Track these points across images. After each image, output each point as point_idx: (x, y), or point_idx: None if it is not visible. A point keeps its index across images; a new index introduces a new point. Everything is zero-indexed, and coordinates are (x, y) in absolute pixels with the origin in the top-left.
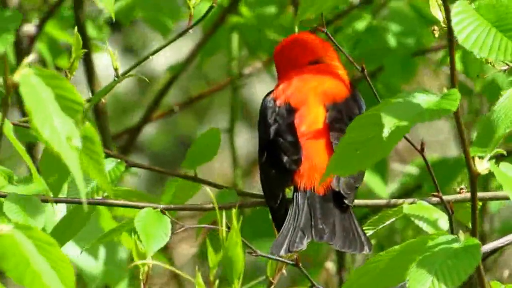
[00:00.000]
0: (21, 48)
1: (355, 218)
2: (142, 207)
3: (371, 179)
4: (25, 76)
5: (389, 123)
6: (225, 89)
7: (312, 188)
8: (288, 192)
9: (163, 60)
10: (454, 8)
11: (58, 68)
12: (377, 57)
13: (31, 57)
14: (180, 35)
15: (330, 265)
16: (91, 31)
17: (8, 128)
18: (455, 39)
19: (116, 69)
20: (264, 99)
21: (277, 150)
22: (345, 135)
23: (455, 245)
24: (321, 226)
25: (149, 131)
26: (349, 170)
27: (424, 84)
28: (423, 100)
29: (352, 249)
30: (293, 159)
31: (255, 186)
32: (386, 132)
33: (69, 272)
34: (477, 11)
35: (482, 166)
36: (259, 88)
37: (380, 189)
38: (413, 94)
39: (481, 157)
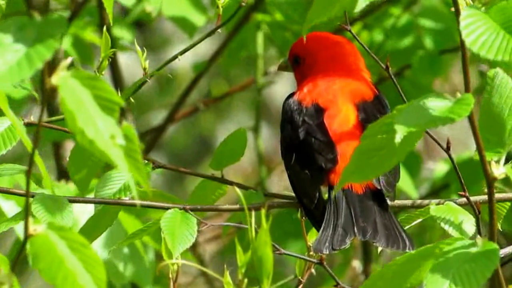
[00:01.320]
0: None
1: (394, 216)
2: (168, 208)
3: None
4: (64, 78)
5: (401, 130)
6: (247, 88)
7: (350, 186)
8: (324, 192)
9: (181, 58)
10: (463, 12)
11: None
12: (406, 54)
13: (69, 60)
14: (209, 34)
15: (356, 264)
16: (115, 30)
17: (23, 132)
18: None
19: (145, 69)
20: (286, 101)
21: (309, 150)
22: (360, 144)
23: (473, 249)
24: (362, 224)
25: (169, 130)
26: (364, 177)
27: (454, 81)
28: (435, 105)
29: (395, 246)
30: (328, 158)
31: (277, 185)
32: (398, 138)
33: (101, 272)
34: (487, 14)
35: (498, 170)
36: (278, 87)
37: (410, 189)
38: (425, 99)
39: (497, 162)
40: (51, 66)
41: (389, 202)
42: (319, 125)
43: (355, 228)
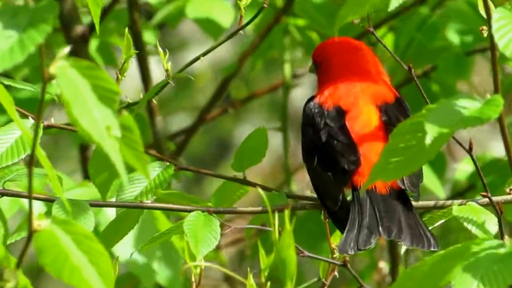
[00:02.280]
0: (75, 49)
1: (418, 216)
2: (191, 211)
3: (428, 179)
4: (62, 68)
5: (431, 131)
6: (274, 90)
7: (373, 187)
8: (347, 194)
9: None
10: (495, 14)
11: None
12: (432, 55)
13: (67, 49)
14: (231, 36)
15: (383, 265)
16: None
17: (30, 132)
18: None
19: (167, 70)
20: (307, 105)
21: (332, 153)
22: (389, 142)
23: (501, 250)
24: (387, 224)
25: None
26: (393, 175)
27: (482, 82)
28: (465, 106)
29: (420, 245)
30: (351, 160)
31: (297, 186)
32: (428, 139)
33: (107, 266)
34: None
35: None
36: (297, 90)
37: (438, 189)
38: (455, 100)
39: None
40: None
41: (413, 203)
42: (341, 127)
43: (380, 228)
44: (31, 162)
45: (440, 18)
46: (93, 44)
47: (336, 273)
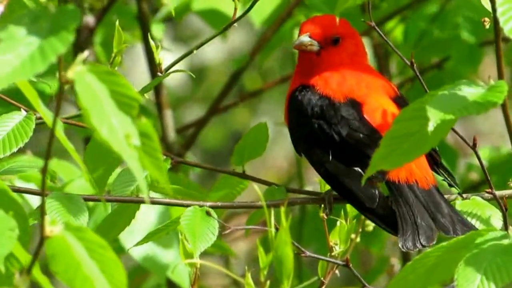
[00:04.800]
0: (80, 40)
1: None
2: (188, 206)
3: None
4: (80, 73)
5: (434, 117)
6: (283, 82)
7: (415, 182)
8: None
9: (213, 52)
10: None
11: None
12: (444, 47)
13: (86, 53)
14: (225, 28)
15: (395, 261)
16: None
17: (60, 129)
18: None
19: (159, 64)
20: (302, 95)
21: (358, 147)
22: (391, 128)
23: (505, 241)
24: (441, 220)
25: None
26: (395, 163)
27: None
28: (469, 92)
29: None
30: None
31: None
32: (431, 126)
33: (120, 275)
34: None
35: None
36: None
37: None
38: (459, 86)
39: None
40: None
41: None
42: (361, 120)
43: (437, 223)
44: (48, 157)
45: (452, 9)
46: (98, 37)
47: (337, 272)
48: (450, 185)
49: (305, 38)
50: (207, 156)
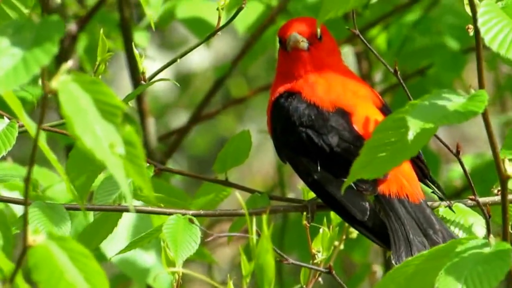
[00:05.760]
0: (62, 47)
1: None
2: (171, 214)
3: None
4: (64, 83)
5: (414, 126)
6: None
7: (405, 196)
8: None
9: (199, 58)
10: (481, 8)
11: None
12: (427, 53)
13: (69, 63)
14: (209, 37)
15: (377, 268)
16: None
17: (42, 140)
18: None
19: (142, 73)
20: (288, 102)
21: (348, 158)
22: (371, 138)
23: (486, 250)
24: (433, 236)
25: (190, 132)
26: (375, 172)
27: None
28: (449, 102)
29: None
30: None
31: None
32: (411, 135)
33: (103, 284)
34: (503, 10)
35: None
36: None
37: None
38: (439, 95)
39: (511, 160)
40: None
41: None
42: (351, 130)
43: (429, 240)
44: (31, 168)
45: (435, 16)
46: (81, 44)
47: (320, 279)
48: (441, 198)
49: (297, 35)
50: (194, 163)
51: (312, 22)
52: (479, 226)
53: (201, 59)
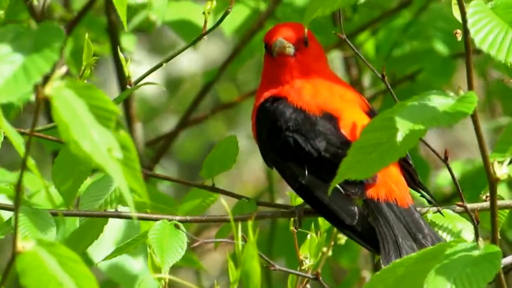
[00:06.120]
0: None
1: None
2: (157, 219)
3: None
4: (58, 89)
5: (403, 127)
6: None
7: (394, 200)
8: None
9: (189, 63)
10: (470, 8)
11: None
12: (417, 58)
13: (63, 69)
14: (195, 40)
15: (367, 274)
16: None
17: (21, 144)
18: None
19: (128, 77)
20: (276, 106)
21: (336, 162)
22: (359, 138)
23: (475, 252)
24: (422, 241)
25: (179, 137)
26: (363, 173)
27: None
28: (438, 103)
29: None
30: None
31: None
32: (399, 137)
33: None
34: (493, 11)
35: (501, 171)
36: None
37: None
38: (428, 97)
39: (500, 162)
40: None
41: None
42: (339, 135)
43: (418, 244)
44: (22, 175)
45: (425, 21)
46: (68, 48)
47: (308, 286)
48: (430, 202)
49: (283, 41)
50: (183, 169)
51: (298, 27)
52: (467, 232)
53: (190, 63)
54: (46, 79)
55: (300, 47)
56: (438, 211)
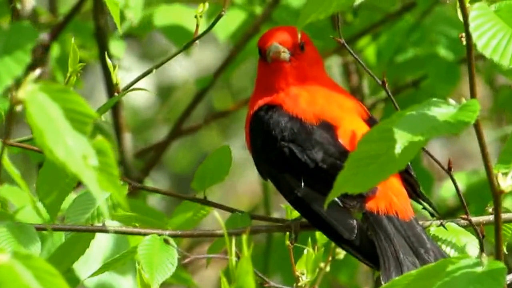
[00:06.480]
0: (34, 58)
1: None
2: (146, 234)
3: None
4: (32, 93)
5: (401, 138)
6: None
7: (395, 213)
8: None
9: (182, 69)
10: (473, 11)
11: None
12: (420, 64)
13: (37, 71)
14: (187, 46)
15: None
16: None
17: (6, 158)
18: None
19: (116, 85)
20: (271, 114)
21: (333, 173)
22: (356, 150)
23: (478, 269)
24: (425, 256)
25: (171, 147)
26: (360, 186)
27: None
28: (439, 112)
29: None
30: None
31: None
32: (398, 148)
33: None
34: (497, 14)
35: (506, 183)
36: None
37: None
38: (428, 106)
39: (505, 174)
40: None
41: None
42: (336, 145)
43: (420, 260)
44: None
45: (429, 24)
46: (54, 54)
47: None
48: (432, 215)
49: (278, 46)
50: (175, 181)
51: (294, 31)
52: (472, 247)
53: (183, 70)
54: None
55: (295, 52)
56: (441, 224)
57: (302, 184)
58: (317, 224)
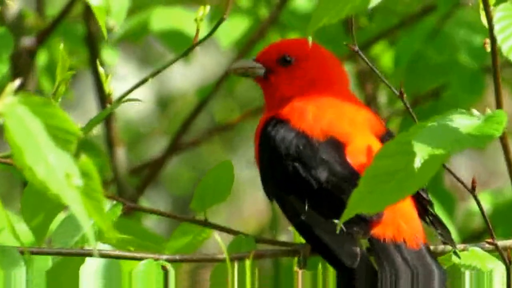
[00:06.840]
0: (17, 65)
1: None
2: (141, 259)
3: None
4: (10, 106)
5: (421, 152)
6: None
7: (403, 241)
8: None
9: (182, 78)
10: (498, 12)
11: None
12: (442, 72)
13: (17, 82)
14: (185, 52)
15: None
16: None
17: None
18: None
19: (109, 95)
20: (275, 129)
21: (339, 197)
22: (371, 165)
23: None
24: None
25: (170, 163)
26: (376, 206)
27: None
28: (462, 124)
29: None
30: None
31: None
32: (418, 162)
33: None
34: None
35: None
36: None
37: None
38: (450, 117)
39: None
40: None
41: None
42: (344, 164)
43: None
44: None
45: (450, 29)
46: (41, 61)
47: None
48: (444, 243)
49: (245, 61)
50: (174, 201)
51: (282, 45)
52: (499, 273)
53: (183, 79)
54: None
55: (274, 67)
56: (454, 252)
57: (306, 206)
58: (319, 250)
